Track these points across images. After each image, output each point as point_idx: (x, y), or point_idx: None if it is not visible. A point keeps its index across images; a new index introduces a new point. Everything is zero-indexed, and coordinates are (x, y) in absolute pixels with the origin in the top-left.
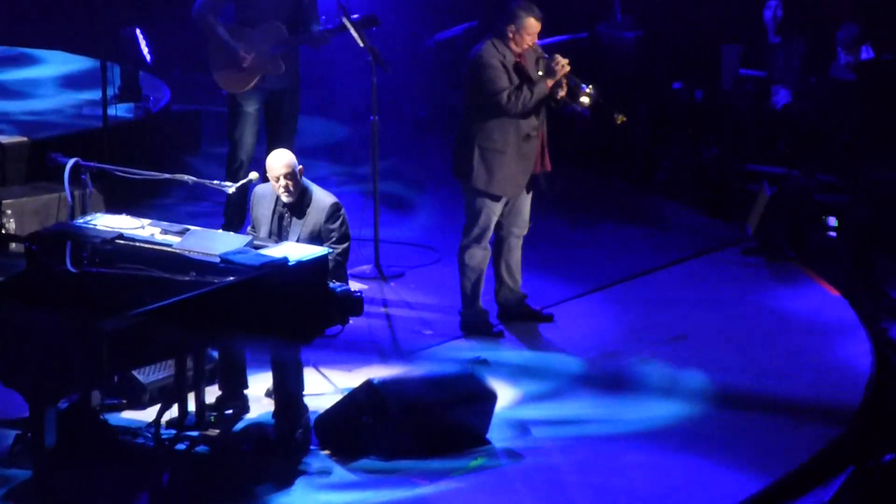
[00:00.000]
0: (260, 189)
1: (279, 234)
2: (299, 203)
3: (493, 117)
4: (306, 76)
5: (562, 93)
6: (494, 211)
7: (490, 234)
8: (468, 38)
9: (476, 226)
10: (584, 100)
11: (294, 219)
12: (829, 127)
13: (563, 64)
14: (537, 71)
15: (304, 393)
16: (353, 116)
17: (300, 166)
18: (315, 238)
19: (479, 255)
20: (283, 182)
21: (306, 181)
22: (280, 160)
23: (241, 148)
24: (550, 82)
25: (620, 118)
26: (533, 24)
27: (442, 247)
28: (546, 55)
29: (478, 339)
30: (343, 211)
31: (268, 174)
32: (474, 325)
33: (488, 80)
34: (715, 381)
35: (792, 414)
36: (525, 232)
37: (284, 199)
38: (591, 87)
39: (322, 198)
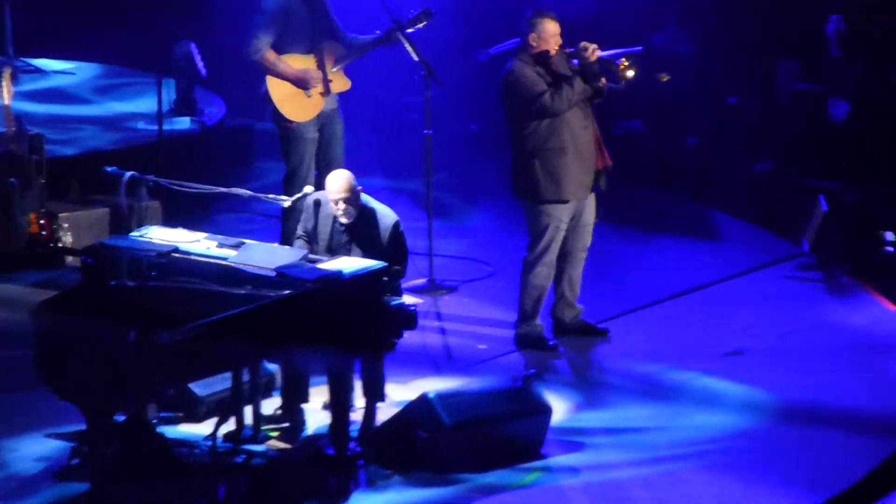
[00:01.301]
0: (313, 197)
1: (337, 250)
2: (360, 223)
3: (542, 123)
4: (360, 90)
5: (601, 81)
6: (562, 221)
7: (557, 248)
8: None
9: (543, 241)
10: (629, 73)
11: (353, 235)
12: (887, 139)
13: (591, 48)
14: (570, 68)
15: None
16: (407, 130)
17: (359, 187)
18: (377, 253)
19: (544, 273)
20: (341, 205)
21: (366, 198)
22: (339, 182)
23: (307, 172)
24: (586, 67)
25: (664, 77)
26: (552, 26)
27: (496, 260)
28: (572, 49)
29: (533, 353)
30: (402, 228)
31: (328, 194)
32: (529, 340)
33: (526, 88)
34: (771, 396)
35: (848, 430)
36: (589, 243)
37: (343, 220)
38: (624, 58)
39: (384, 218)
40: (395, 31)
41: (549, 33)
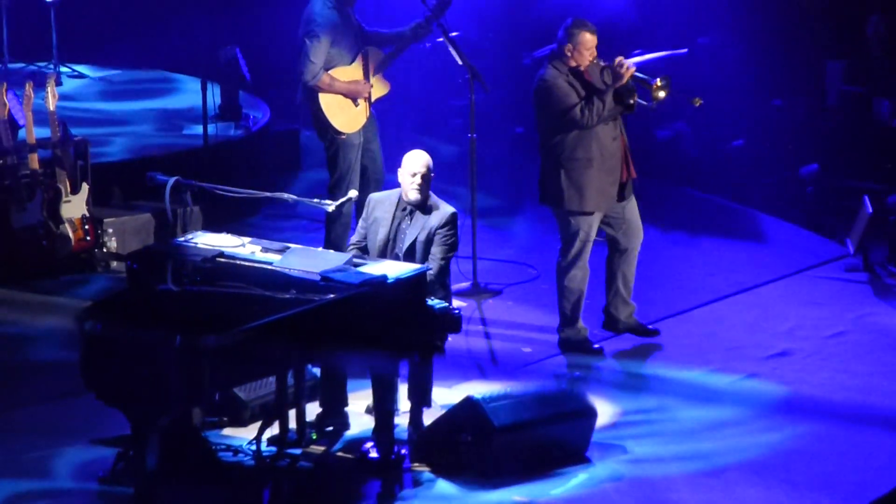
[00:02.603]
0: (377, 195)
1: (395, 237)
2: (422, 207)
3: (571, 134)
4: (405, 95)
5: (633, 98)
6: (592, 228)
7: (588, 252)
8: None
9: (573, 247)
10: (661, 94)
11: (413, 220)
12: None
13: (626, 65)
14: (603, 81)
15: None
16: (451, 134)
17: (433, 173)
18: (429, 241)
19: (579, 276)
20: (418, 180)
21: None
22: (421, 158)
23: (354, 177)
24: (620, 84)
25: (697, 101)
26: (589, 39)
27: (540, 263)
28: (608, 63)
29: (577, 356)
30: (457, 223)
31: (404, 170)
32: (573, 343)
33: (557, 100)
34: (817, 398)
35: (894, 432)
36: (641, 240)
37: (413, 196)
38: (659, 79)
39: (443, 206)
40: (423, 26)
41: (586, 46)
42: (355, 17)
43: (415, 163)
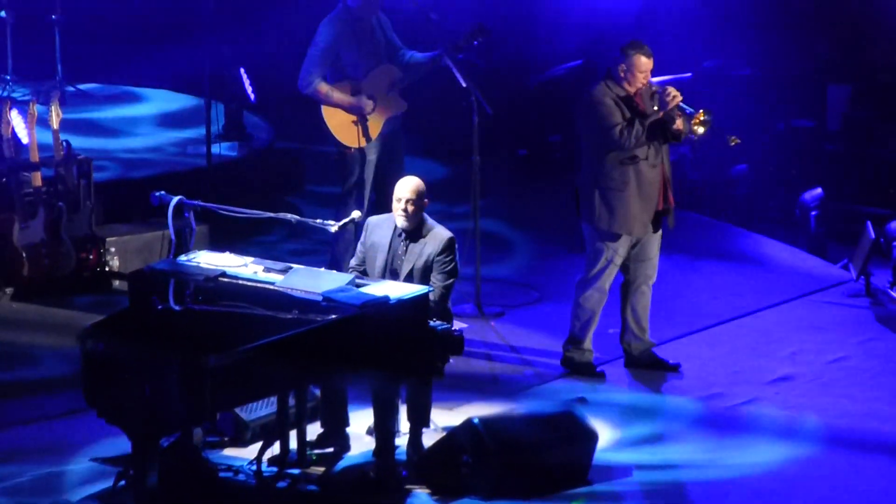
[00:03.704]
0: (374, 219)
1: (392, 263)
2: (416, 233)
3: (611, 156)
4: (409, 115)
5: (677, 124)
6: (618, 252)
7: (612, 277)
8: (571, 78)
9: (596, 266)
10: (699, 129)
11: (410, 248)
12: None
13: (673, 94)
14: (653, 106)
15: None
16: (454, 156)
17: (426, 199)
18: (427, 268)
19: (595, 297)
20: (403, 205)
21: (426, 215)
22: (409, 183)
23: (361, 194)
24: (662, 114)
25: (734, 140)
26: (643, 62)
27: (542, 285)
28: (659, 90)
29: (579, 379)
30: (456, 247)
31: (394, 196)
32: (577, 364)
33: (601, 116)
34: (819, 423)
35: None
36: (654, 279)
37: (400, 223)
38: (702, 112)
39: (440, 231)
40: (451, 50)
41: (639, 68)
42: (387, 33)
43: (402, 188)
